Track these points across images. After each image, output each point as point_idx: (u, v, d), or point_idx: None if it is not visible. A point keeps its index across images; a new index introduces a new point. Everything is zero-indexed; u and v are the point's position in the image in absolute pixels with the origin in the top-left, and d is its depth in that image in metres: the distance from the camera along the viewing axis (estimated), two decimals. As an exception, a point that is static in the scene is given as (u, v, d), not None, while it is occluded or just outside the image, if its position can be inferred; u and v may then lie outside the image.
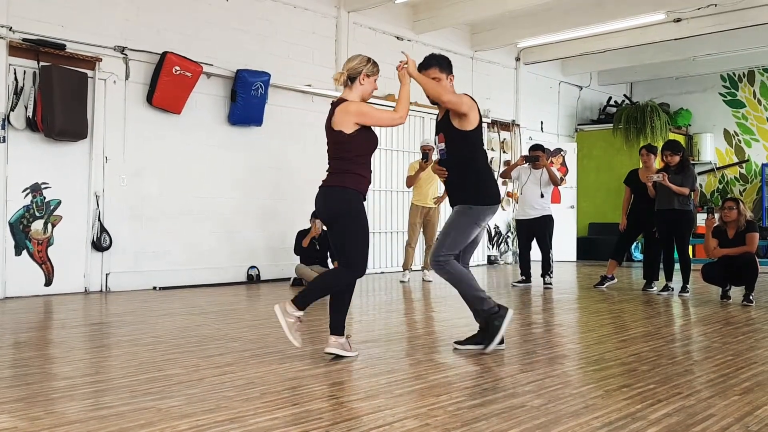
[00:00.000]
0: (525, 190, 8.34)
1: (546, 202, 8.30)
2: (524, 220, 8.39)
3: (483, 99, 11.98)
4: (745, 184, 13.60)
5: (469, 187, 4.33)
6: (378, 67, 4.16)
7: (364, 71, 4.07)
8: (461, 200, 4.34)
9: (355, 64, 4.09)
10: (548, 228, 8.30)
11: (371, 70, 4.10)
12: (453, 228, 4.31)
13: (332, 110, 4.06)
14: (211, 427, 2.72)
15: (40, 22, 6.98)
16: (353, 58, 4.14)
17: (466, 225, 4.30)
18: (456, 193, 4.40)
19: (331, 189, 4.01)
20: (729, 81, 13.79)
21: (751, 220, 6.81)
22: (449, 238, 4.29)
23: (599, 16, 10.36)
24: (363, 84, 4.08)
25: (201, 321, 5.51)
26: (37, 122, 6.88)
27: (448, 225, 4.36)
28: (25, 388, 3.32)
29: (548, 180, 8.26)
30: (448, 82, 4.39)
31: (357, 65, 4.08)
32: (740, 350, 4.40)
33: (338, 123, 3.98)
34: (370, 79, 4.10)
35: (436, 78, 4.33)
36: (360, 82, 4.08)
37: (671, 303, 6.91)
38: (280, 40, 8.98)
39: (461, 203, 4.34)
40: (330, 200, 4.01)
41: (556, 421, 2.81)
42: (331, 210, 4.01)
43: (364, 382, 3.53)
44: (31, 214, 6.98)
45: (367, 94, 4.14)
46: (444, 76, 4.37)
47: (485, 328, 4.28)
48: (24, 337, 4.89)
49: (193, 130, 8.17)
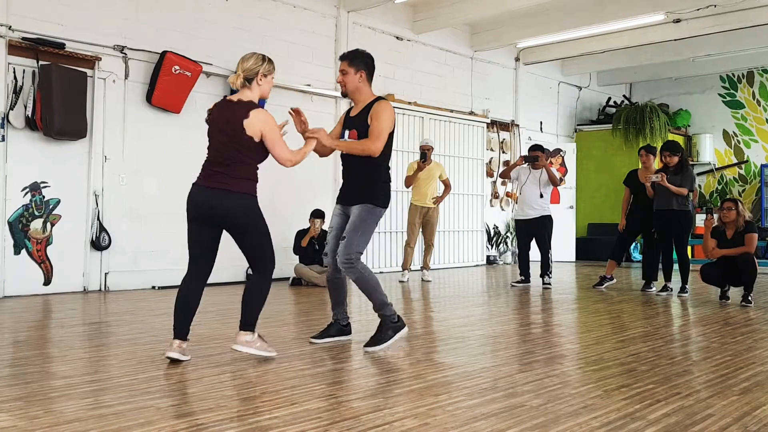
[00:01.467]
0: (524, 191, 8.36)
1: (545, 203, 8.31)
2: (523, 220, 8.40)
3: (482, 99, 12.00)
4: (744, 185, 13.61)
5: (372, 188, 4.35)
6: (274, 64, 4.03)
7: (261, 71, 3.95)
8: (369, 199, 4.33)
9: (250, 64, 3.93)
10: (547, 228, 8.31)
11: (267, 69, 3.98)
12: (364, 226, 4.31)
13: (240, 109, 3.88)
14: (210, 426, 2.72)
15: (40, 20, 6.98)
16: (248, 58, 3.97)
17: (373, 224, 4.35)
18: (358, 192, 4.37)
19: (238, 196, 3.92)
20: (728, 82, 13.80)
21: (750, 221, 6.81)
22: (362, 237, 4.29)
23: (599, 17, 10.36)
24: (261, 84, 3.97)
25: (199, 320, 5.48)
26: (37, 121, 6.87)
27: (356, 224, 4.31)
28: (23, 387, 3.31)
29: (547, 180, 8.27)
30: (357, 78, 4.36)
31: (252, 66, 3.93)
32: (739, 350, 4.41)
33: (251, 128, 3.84)
34: (267, 78, 3.98)
35: (344, 71, 4.35)
36: (257, 83, 3.96)
37: (670, 303, 6.92)
38: (279, 40, 8.98)
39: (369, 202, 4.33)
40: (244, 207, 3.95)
41: (555, 421, 2.81)
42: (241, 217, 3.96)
43: (363, 382, 3.54)
44: (30, 213, 6.98)
45: (266, 94, 4.04)
46: (353, 71, 4.35)
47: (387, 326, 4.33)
48: (23, 336, 4.88)
49: (192, 130, 8.15)
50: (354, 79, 4.37)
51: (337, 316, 4.58)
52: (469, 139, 11.71)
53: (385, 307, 4.34)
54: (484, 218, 11.97)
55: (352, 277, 4.30)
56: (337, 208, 4.53)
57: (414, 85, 10.69)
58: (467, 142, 11.67)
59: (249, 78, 3.95)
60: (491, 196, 12.17)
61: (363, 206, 4.33)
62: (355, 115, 4.46)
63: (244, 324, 4.03)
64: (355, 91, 4.40)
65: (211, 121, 4.06)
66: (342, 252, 4.27)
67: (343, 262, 4.26)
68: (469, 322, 5.64)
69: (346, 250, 4.26)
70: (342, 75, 4.40)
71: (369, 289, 4.32)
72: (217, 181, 3.93)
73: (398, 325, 4.37)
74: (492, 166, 12.08)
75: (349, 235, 4.29)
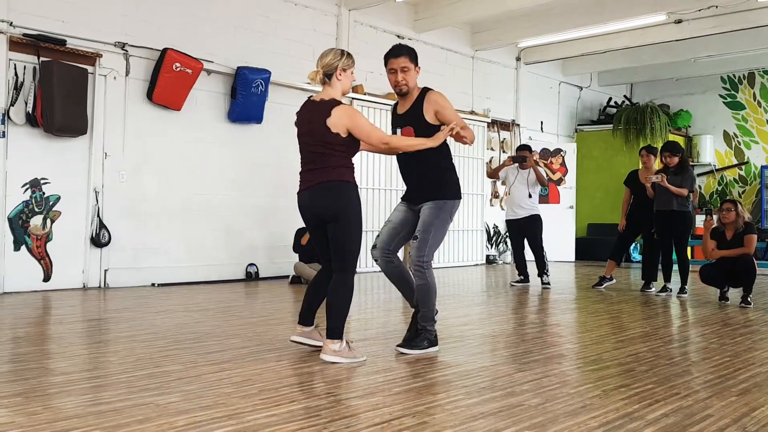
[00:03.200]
0: (513, 191, 8.35)
1: (534, 202, 8.30)
2: (513, 220, 8.40)
3: (483, 98, 11.99)
4: (745, 186, 13.61)
5: (437, 183, 4.15)
6: (353, 58, 3.97)
7: (340, 66, 3.87)
8: (436, 195, 4.13)
9: (329, 59, 3.87)
10: (537, 227, 8.28)
11: (346, 64, 3.90)
12: (434, 226, 4.08)
13: (323, 108, 3.82)
14: (209, 423, 2.72)
15: (41, 17, 6.97)
16: (326, 54, 3.92)
17: (447, 221, 4.14)
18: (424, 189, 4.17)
19: (330, 184, 3.80)
20: (729, 83, 13.80)
21: (749, 222, 6.81)
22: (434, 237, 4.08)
23: (600, 17, 10.36)
24: (341, 79, 3.89)
25: (199, 318, 5.51)
26: (37, 117, 6.87)
27: (427, 224, 4.09)
28: (23, 383, 3.31)
29: (535, 180, 8.25)
30: (416, 74, 4.19)
31: (331, 61, 3.87)
32: (738, 351, 4.41)
33: (336, 126, 3.78)
34: (346, 72, 3.91)
35: (405, 67, 4.12)
36: (337, 78, 3.88)
37: (669, 304, 6.92)
38: (280, 38, 8.98)
39: (437, 199, 4.12)
40: (332, 196, 3.79)
41: (554, 421, 2.81)
42: (333, 206, 3.79)
43: (362, 380, 3.54)
44: (30, 210, 6.98)
45: (347, 89, 3.98)
46: (413, 66, 4.16)
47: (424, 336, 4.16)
48: (22, 332, 4.88)
49: (193, 127, 8.17)
50: (415, 76, 4.17)
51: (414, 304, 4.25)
52: (470, 139, 11.69)
53: (431, 322, 4.15)
54: (484, 218, 11.97)
55: (418, 282, 4.09)
56: (401, 205, 4.32)
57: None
58: (468, 141, 11.65)
59: (328, 74, 3.88)
60: (491, 196, 12.17)
61: (433, 204, 4.11)
62: (404, 111, 4.23)
63: (329, 331, 3.83)
64: (414, 88, 4.18)
65: (297, 124, 4.00)
66: (414, 254, 4.07)
67: (414, 264, 4.06)
68: (469, 322, 5.65)
69: (419, 252, 4.05)
70: (403, 73, 4.12)
71: (425, 301, 4.12)
72: (310, 181, 3.89)
73: (435, 339, 4.20)
74: (492, 165, 12.07)
75: (421, 236, 4.07)
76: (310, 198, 3.87)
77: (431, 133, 4.08)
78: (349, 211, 3.81)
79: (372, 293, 7.72)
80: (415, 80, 4.19)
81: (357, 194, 3.88)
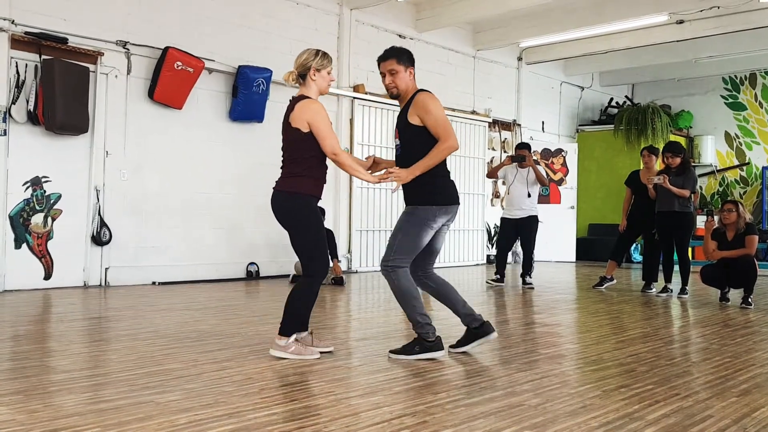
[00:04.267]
0: (512, 190, 8.31)
1: (533, 203, 8.26)
2: (511, 219, 8.33)
3: (485, 98, 11.99)
4: (746, 187, 13.60)
5: (418, 188, 3.97)
6: (329, 58, 3.95)
7: (314, 65, 3.89)
8: (411, 200, 4.05)
9: (303, 59, 3.90)
10: (533, 228, 8.27)
11: (320, 64, 3.91)
12: (402, 231, 4.01)
13: (291, 106, 3.88)
14: (209, 421, 2.72)
15: (43, 15, 6.98)
16: (301, 54, 3.94)
17: (418, 226, 3.97)
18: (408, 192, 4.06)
19: (281, 194, 3.90)
20: (731, 83, 13.79)
21: (750, 223, 6.81)
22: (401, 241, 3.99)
23: (602, 17, 10.36)
24: (314, 79, 3.91)
25: (200, 316, 5.51)
26: (39, 116, 6.87)
27: (398, 227, 4.05)
28: (23, 381, 3.32)
29: (535, 179, 8.23)
30: (407, 75, 4.04)
31: (305, 61, 3.89)
32: (738, 352, 4.41)
33: (297, 120, 3.81)
34: (321, 72, 3.92)
35: (393, 70, 3.99)
36: (311, 78, 3.90)
37: (670, 304, 6.91)
38: (282, 37, 8.97)
39: (411, 203, 4.04)
40: (281, 207, 3.90)
41: (554, 421, 2.82)
42: (283, 218, 3.92)
43: (362, 379, 3.54)
44: (31, 208, 6.98)
45: (324, 89, 3.98)
46: (402, 68, 4.01)
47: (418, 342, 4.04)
48: (23, 330, 4.89)
49: (194, 126, 8.17)
50: (406, 77, 4.04)
51: (465, 321, 4.21)
52: (471, 139, 11.70)
53: (418, 325, 4.01)
54: (485, 217, 11.97)
55: (389, 285, 4.06)
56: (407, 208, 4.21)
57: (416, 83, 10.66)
58: (469, 141, 11.66)
59: (302, 74, 3.93)
60: (492, 196, 12.16)
61: (409, 208, 4.05)
62: (399, 113, 4.12)
63: (280, 327, 3.93)
64: (407, 90, 4.05)
65: None
66: (383, 257, 4.07)
67: (381, 266, 4.06)
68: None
69: (385, 255, 4.04)
70: (391, 76, 4.02)
71: (402, 304, 4.05)
72: (275, 184, 3.98)
73: (432, 344, 3.99)
74: (493, 165, 12.07)
75: (390, 240, 4.07)
76: (271, 203, 3.98)
77: (415, 136, 3.97)
78: (298, 223, 3.89)
79: (372, 293, 7.72)
80: (406, 82, 4.05)
81: (306, 204, 3.88)
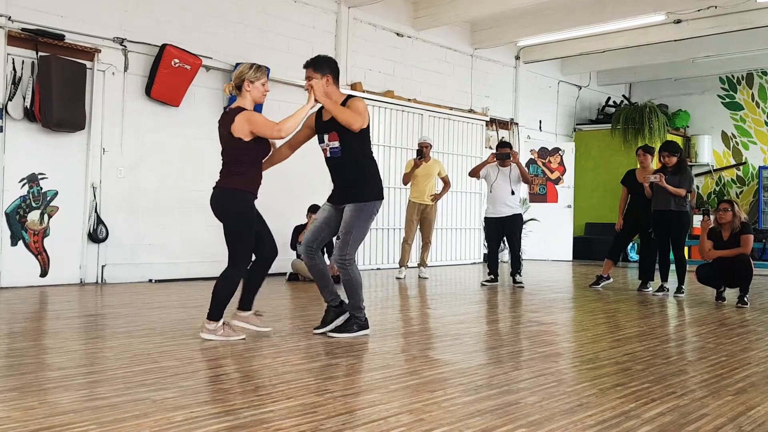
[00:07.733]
0: (495, 188, 8.18)
1: (516, 200, 8.18)
2: (495, 218, 8.22)
3: (482, 97, 12.00)
4: (742, 187, 13.63)
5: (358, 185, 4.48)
6: (263, 71, 4.33)
7: (247, 78, 4.29)
8: (356, 198, 4.46)
9: (239, 72, 4.33)
10: (518, 227, 8.20)
11: (254, 76, 4.30)
12: (354, 227, 4.43)
13: (230, 117, 4.25)
14: (206, 419, 2.72)
15: (39, 11, 6.96)
16: (238, 68, 4.38)
17: (367, 221, 4.49)
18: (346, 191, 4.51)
19: (220, 191, 4.32)
20: (728, 83, 13.82)
21: (746, 222, 6.82)
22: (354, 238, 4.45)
23: (599, 16, 10.37)
24: (249, 90, 4.31)
25: (196, 314, 5.50)
26: (35, 113, 6.86)
27: (349, 225, 4.44)
28: (19, 378, 3.31)
29: (518, 177, 8.15)
30: (324, 82, 4.39)
31: (240, 73, 4.32)
32: (734, 351, 4.42)
33: (239, 130, 4.21)
34: (255, 84, 4.31)
35: (310, 77, 4.39)
36: (246, 89, 4.31)
37: (666, 303, 6.93)
38: (279, 35, 8.97)
39: (357, 201, 4.46)
40: (219, 202, 4.32)
41: (550, 419, 2.82)
42: (220, 212, 4.34)
43: (359, 377, 3.54)
44: (27, 205, 6.97)
45: (258, 99, 4.37)
46: (319, 76, 4.39)
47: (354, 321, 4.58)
48: (19, 327, 4.88)
49: (191, 123, 8.16)
50: (322, 85, 4.39)
51: (328, 300, 4.69)
52: (468, 137, 11.71)
53: (358, 310, 4.57)
54: (482, 216, 11.96)
55: (343, 278, 4.50)
56: (326, 205, 4.68)
57: (414, 82, 10.68)
58: (466, 139, 11.67)
59: (238, 85, 4.34)
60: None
61: (354, 205, 4.46)
62: (329, 119, 4.49)
63: (209, 312, 4.35)
64: (325, 96, 4.40)
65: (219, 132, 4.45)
66: (336, 253, 4.46)
67: (337, 261, 4.46)
68: (466, 320, 5.65)
69: (341, 251, 4.44)
70: (308, 82, 4.40)
71: (352, 293, 4.53)
72: (215, 184, 4.39)
73: (363, 323, 4.60)
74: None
75: (343, 237, 4.45)
76: (210, 200, 4.39)
77: (355, 137, 4.43)
78: (230, 215, 4.32)
79: (368, 292, 7.72)
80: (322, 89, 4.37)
81: (242, 200, 4.32)
